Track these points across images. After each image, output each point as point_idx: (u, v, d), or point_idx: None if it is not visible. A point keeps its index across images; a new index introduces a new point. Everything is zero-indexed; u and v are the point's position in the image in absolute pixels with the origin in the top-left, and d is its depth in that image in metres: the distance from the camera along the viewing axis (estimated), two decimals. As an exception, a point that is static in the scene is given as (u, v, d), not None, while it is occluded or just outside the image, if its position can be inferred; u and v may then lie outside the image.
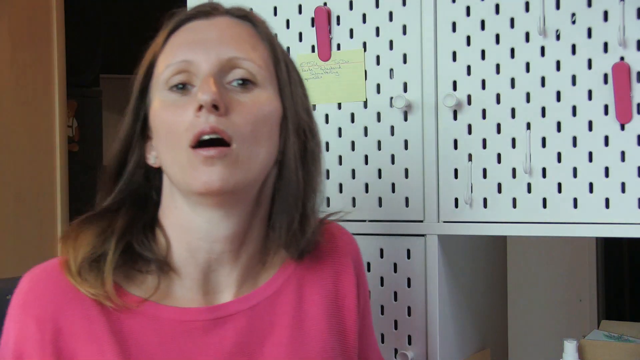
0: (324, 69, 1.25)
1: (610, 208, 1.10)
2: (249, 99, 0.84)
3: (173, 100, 0.84)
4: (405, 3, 1.21)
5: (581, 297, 2.00)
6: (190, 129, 0.81)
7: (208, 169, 0.80)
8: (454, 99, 1.16)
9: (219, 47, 0.85)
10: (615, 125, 1.10)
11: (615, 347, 1.28)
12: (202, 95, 0.80)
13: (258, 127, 0.84)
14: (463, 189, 1.18)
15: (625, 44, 1.09)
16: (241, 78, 0.85)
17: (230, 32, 0.87)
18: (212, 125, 0.80)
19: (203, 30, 0.86)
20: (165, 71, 0.85)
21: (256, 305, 0.89)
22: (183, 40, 0.86)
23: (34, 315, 0.83)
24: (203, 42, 0.85)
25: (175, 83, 0.84)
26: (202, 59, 0.84)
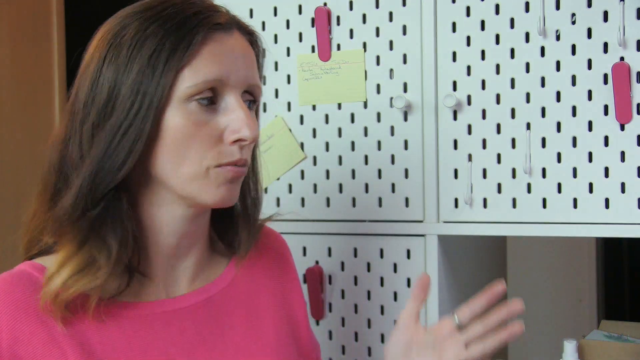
0: (324, 69, 1.25)
1: (610, 208, 1.10)
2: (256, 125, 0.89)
3: (197, 115, 0.83)
4: (405, 3, 1.21)
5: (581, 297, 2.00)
6: (223, 153, 0.84)
7: (231, 186, 0.86)
8: (454, 99, 1.16)
9: (247, 70, 0.87)
10: (615, 125, 1.10)
11: (615, 347, 1.28)
12: (247, 131, 0.84)
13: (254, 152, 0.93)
14: (463, 189, 1.18)
15: (625, 44, 1.09)
16: (252, 102, 0.89)
17: (249, 54, 0.88)
18: (245, 159, 0.86)
19: (230, 47, 0.85)
20: (193, 87, 0.83)
21: (213, 297, 0.93)
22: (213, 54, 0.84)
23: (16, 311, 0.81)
24: (234, 62, 0.85)
25: (204, 101, 0.84)
26: (233, 83, 0.85)
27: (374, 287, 1.24)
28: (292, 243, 1.26)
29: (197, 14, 0.85)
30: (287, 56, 1.28)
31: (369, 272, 1.24)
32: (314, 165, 1.27)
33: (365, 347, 1.25)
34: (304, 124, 1.27)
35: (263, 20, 1.30)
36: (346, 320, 1.26)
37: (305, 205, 1.27)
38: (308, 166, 1.27)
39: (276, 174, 1.29)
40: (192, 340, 0.89)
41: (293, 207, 1.28)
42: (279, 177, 1.29)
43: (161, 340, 0.86)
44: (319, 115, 1.26)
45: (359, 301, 1.25)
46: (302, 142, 1.27)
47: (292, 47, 1.28)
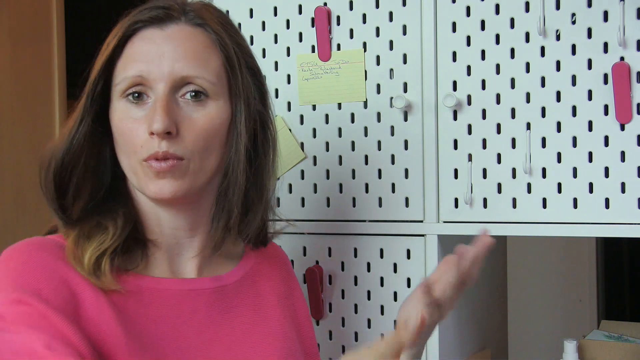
0: (324, 69, 1.25)
1: (610, 208, 1.10)
2: (200, 115, 0.90)
3: (130, 111, 0.90)
4: (405, 3, 1.21)
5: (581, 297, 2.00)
6: (145, 147, 0.88)
7: (160, 181, 0.89)
8: (454, 99, 1.16)
9: (173, 63, 0.89)
10: (615, 125, 1.10)
11: (615, 347, 1.28)
12: (155, 125, 0.87)
13: (208, 140, 0.91)
14: (463, 189, 1.18)
15: (625, 44, 1.09)
16: (194, 92, 0.90)
17: (183, 46, 0.90)
18: (164, 151, 0.87)
19: (158, 43, 0.90)
20: (121, 83, 0.90)
21: (225, 286, 0.98)
22: (138, 52, 0.91)
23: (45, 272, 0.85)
24: (157, 57, 0.89)
25: (131, 93, 0.90)
26: (156, 76, 0.89)
27: (374, 287, 1.24)
28: (292, 243, 1.26)
29: (130, 14, 0.93)
30: (287, 56, 1.28)
31: (369, 272, 1.24)
32: (314, 165, 1.27)
33: (365, 347, 1.25)
34: (304, 124, 1.27)
35: (263, 20, 1.30)
36: (346, 320, 1.26)
37: (305, 205, 1.27)
38: (308, 166, 1.27)
39: (276, 174, 1.28)
40: (202, 320, 0.93)
41: (293, 207, 1.28)
42: (279, 177, 1.29)
43: (173, 316, 0.91)
44: (319, 115, 1.26)
45: (359, 301, 1.25)
46: (302, 142, 1.27)
47: (292, 47, 1.28)
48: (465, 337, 1.33)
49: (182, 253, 0.96)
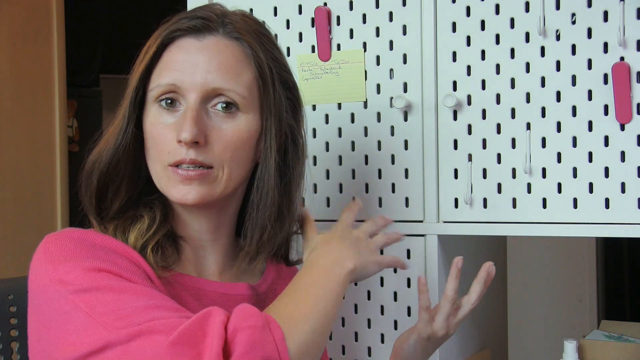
0: (324, 69, 1.25)
1: (610, 208, 1.10)
2: (229, 126, 0.92)
3: (161, 117, 0.92)
4: (405, 3, 1.21)
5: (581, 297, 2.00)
6: (172, 153, 0.91)
7: (185, 187, 0.91)
8: (454, 99, 1.16)
9: (206, 74, 0.91)
10: (615, 125, 1.10)
11: (615, 347, 1.28)
12: (183, 134, 0.89)
13: (236, 152, 0.93)
14: (463, 189, 1.18)
15: (625, 44, 1.09)
16: (225, 104, 0.92)
17: (217, 58, 0.92)
18: (191, 159, 0.90)
19: (193, 53, 0.92)
20: (155, 89, 0.93)
21: (258, 295, 1.00)
22: (173, 61, 0.93)
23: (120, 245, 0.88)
24: (192, 67, 0.91)
25: (164, 99, 0.92)
26: (189, 86, 0.91)
27: (374, 287, 1.24)
28: (293, 243, 1.26)
29: (170, 21, 0.95)
30: (287, 56, 1.28)
31: (369, 272, 1.24)
32: (314, 165, 1.27)
33: (365, 347, 1.25)
34: (304, 124, 1.27)
35: (263, 20, 1.30)
36: (346, 320, 1.26)
37: (306, 205, 1.27)
38: (308, 166, 1.27)
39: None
40: None
41: (293, 207, 1.28)
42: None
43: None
44: (319, 115, 1.26)
45: (359, 301, 1.25)
46: (302, 142, 1.27)
47: (292, 47, 1.28)
48: (465, 337, 1.33)
49: (206, 255, 0.99)
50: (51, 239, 0.86)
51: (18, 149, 2.48)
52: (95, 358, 0.75)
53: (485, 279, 1.07)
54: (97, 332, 0.76)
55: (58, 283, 0.81)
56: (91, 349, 0.76)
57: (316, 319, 0.83)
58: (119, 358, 0.74)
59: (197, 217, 0.96)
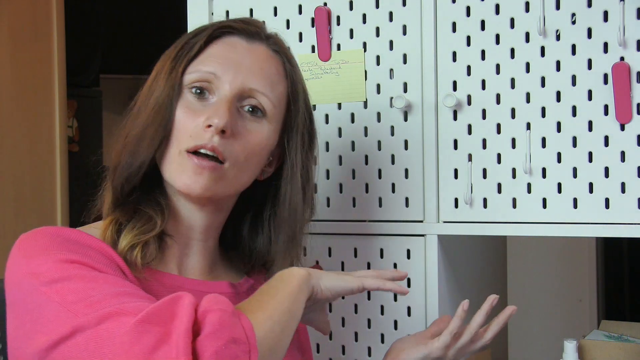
0: (324, 69, 1.25)
1: (610, 208, 1.10)
2: (254, 129, 0.95)
3: (189, 103, 0.93)
4: (405, 3, 1.21)
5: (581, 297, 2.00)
6: (194, 137, 0.91)
7: (195, 176, 0.91)
8: (454, 99, 1.16)
9: (247, 74, 0.95)
10: (615, 125, 1.10)
11: (615, 347, 1.28)
12: (215, 119, 0.90)
13: (251, 156, 0.95)
14: (463, 189, 1.18)
15: (625, 44, 1.09)
16: (254, 107, 0.95)
17: (262, 64, 0.96)
18: (213, 146, 0.90)
19: (240, 52, 0.96)
20: (193, 74, 0.94)
21: (239, 294, 1.01)
22: (219, 54, 0.95)
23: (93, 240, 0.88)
24: (236, 64, 0.95)
25: (197, 89, 0.94)
26: (228, 79, 0.93)
27: (374, 287, 1.24)
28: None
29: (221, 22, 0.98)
30: (287, 56, 1.28)
31: (369, 272, 1.24)
32: (313, 165, 1.27)
33: (365, 347, 1.25)
34: (304, 124, 1.27)
35: (263, 20, 1.30)
36: (346, 320, 1.26)
37: (305, 205, 1.27)
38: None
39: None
40: None
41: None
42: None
43: None
44: (319, 115, 1.26)
45: (359, 301, 1.25)
46: (302, 142, 1.27)
47: (292, 47, 1.28)
48: (465, 337, 1.32)
49: (190, 254, 0.99)
50: (25, 237, 0.87)
51: (18, 149, 2.48)
52: (65, 344, 0.76)
53: (488, 310, 1.05)
54: (67, 319, 0.77)
55: (31, 276, 0.81)
56: (61, 335, 0.76)
57: (278, 312, 0.84)
58: (89, 341, 0.75)
59: (193, 214, 0.97)
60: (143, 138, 0.93)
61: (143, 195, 0.96)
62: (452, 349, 1.05)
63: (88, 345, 0.74)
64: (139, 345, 0.72)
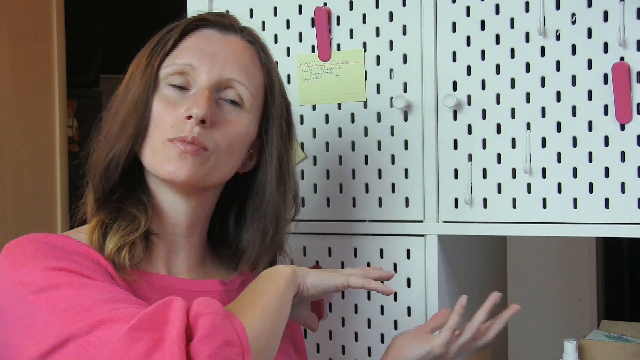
0: (324, 69, 1.25)
1: (610, 208, 1.10)
2: (233, 118, 0.95)
3: (168, 96, 0.94)
4: (405, 3, 1.21)
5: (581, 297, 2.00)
6: (176, 128, 0.91)
7: (179, 162, 0.91)
8: (454, 99, 1.16)
9: (224, 65, 0.95)
10: (615, 125, 1.10)
11: (615, 347, 1.28)
12: (195, 109, 0.90)
13: (233, 145, 0.95)
14: (463, 189, 1.18)
15: (625, 44, 1.09)
16: (232, 99, 0.95)
17: (237, 54, 0.97)
18: (194, 137, 0.90)
19: (215, 44, 0.96)
20: (169, 67, 0.94)
21: (230, 291, 1.01)
22: (194, 46, 0.96)
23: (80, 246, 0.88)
24: (212, 55, 0.95)
25: (174, 82, 0.94)
26: (205, 70, 0.94)
27: (374, 287, 1.24)
28: (292, 243, 1.26)
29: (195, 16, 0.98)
30: (287, 56, 1.28)
31: (369, 272, 1.24)
32: (314, 165, 1.27)
33: (365, 347, 1.25)
34: (304, 124, 1.27)
35: (263, 20, 1.30)
36: (346, 320, 1.26)
37: (305, 205, 1.27)
38: (308, 166, 1.27)
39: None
40: None
41: (293, 207, 1.28)
42: (279, 177, 1.29)
43: None
44: (319, 115, 1.26)
45: (359, 301, 1.25)
46: (302, 142, 1.27)
47: (292, 47, 1.28)
48: (465, 337, 1.32)
49: (177, 252, 0.98)
50: (11, 245, 0.86)
51: (18, 149, 2.48)
52: (57, 353, 0.75)
53: (490, 308, 1.06)
54: (59, 327, 0.76)
55: (19, 285, 0.81)
56: (53, 344, 0.76)
57: (267, 311, 0.84)
58: (81, 349, 0.74)
59: (177, 207, 0.96)
60: (121, 134, 0.93)
61: (125, 194, 0.95)
62: (453, 346, 1.05)
63: (80, 353, 0.74)
64: (133, 352, 0.72)
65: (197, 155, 0.91)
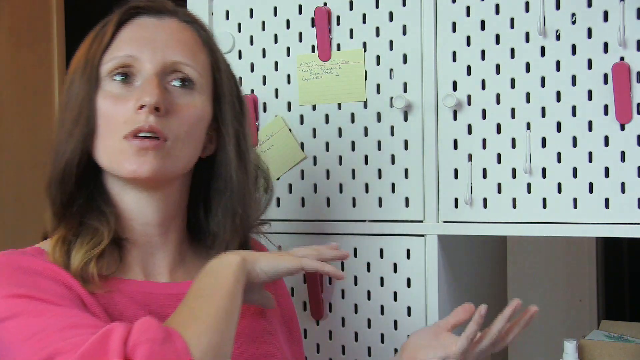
0: (324, 69, 1.25)
1: (610, 208, 1.10)
2: (185, 102, 0.91)
3: (114, 91, 0.90)
4: (405, 3, 1.21)
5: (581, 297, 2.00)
6: (129, 122, 0.88)
7: (140, 159, 0.88)
8: (454, 99, 1.16)
9: (165, 49, 0.92)
10: (615, 125, 1.10)
11: (615, 347, 1.28)
12: (146, 97, 0.87)
13: (191, 129, 0.92)
14: (463, 189, 1.18)
15: (625, 44, 1.09)
16: (182, 80, 0.92)
17: (176, 36, 0.94)
18: (151, 125, 0.87)
19: (152, 30, 0.93)
20: (110, 62, 0.91)
21: None
22: (132, 36, 0.92)
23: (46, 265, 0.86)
24: (151, 41, 0.92)
25: (118, 76, 0.90)
26: (148, 58, 0.91)
27: (374, 287, 1.24)
28: (292, 243, 1.26)
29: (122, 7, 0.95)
30: (287, 56, 1.28)
31: (369, 272, 1.24)
32: (314, 165, 1.27)
33: (365, 347, 1.25)
34: (304, 124, 1.27)
35: (263, 20, 1.30)
36: (346, 320, 1.26)
37: (305, 205, 1.27)
38: (308, 166, 1.27)
39: (276, 174, 1.29)
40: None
41: (293, 207, 1.28)
42: (279, 177, 1.29)
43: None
44: (319, 115, 1.26)
45: (359, 301, 1.25)
46: (302, 142, 1.27)
47: (292, 47, 1.28)
48: (465, 337, 1.32)
49: (155, 253, 0.95)
50: None
51: (18, 149, 2.48)
52: None
53: (509, 315, 1.00)
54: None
55: None
56: None
57: (214, 319, 0.79)
58: None
59: (144, 206, 0.93)
60: (69, 142, 0.90)
61: (85, 204, 0.92)
62: (471, 353, 1.01)
63: None
64: None
65: (157, 148, 0.88)
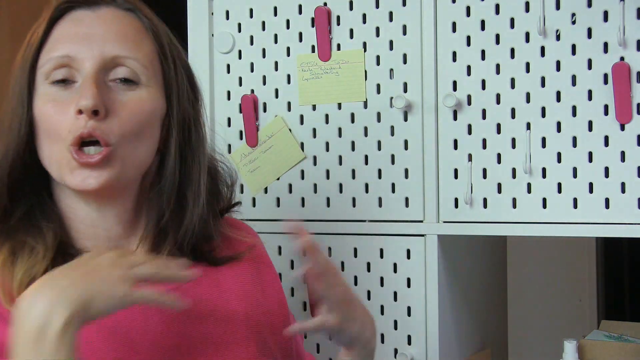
0: (324, 69, 1.25)
1: (610, 208, 1.10)
2: (130, 98, 0.85)
3: (54, 95, 0.84)
4: (405, 3, 1.21)
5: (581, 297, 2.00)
6: (72, 130, 0.82)
7: (85, 171, 0.82)
8: (454, 99, 1.16)
9: (103, 43, 0.85)
10: (615, 125, 1.10)
11: (615, 347, 1.28)
12: (83, 101, 0.81)
13: (138, 126, 0.85)
14: (463, 189, 1.18)
15: (625, 44, 1.09)
16: (124, 77, 0.85)
17: (115, 27, 0.87)
18: (89, 131, 0.81)
19: (87, 24, 0.86)
20: (46, 64, 0.85)
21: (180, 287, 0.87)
22: (66, 33, 0.86)
23: None
24: (87, 37, 0.85)
25: (57, 78, 0.85)
26: (85, 56, 0.84)
27: (374, 287, 1.24)
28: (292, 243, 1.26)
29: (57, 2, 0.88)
30: (287, 56, 1.28)
31: (369, 272, 1.24)
32: (314, 165, 1.27)
33: (365, 347, 1.24)
34: (304, 124, 1.27)
35: (263, 20, 1.30)
36: (346, 320, 1.26)
37: (305, 205, 1.27)
38: (308, 166, 1.27)
39: (276, 174, 1.29)
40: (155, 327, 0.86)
41: (293, 207, 1.28)
42: (279, 177, 1.29)
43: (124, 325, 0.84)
44: (319, 115, 1.26)
45: (359, 301, 1.25)
46: (302, 142, 1.27)
47: (292, 47, 1.28)
48: (465, 337, 1.33)
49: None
50: None
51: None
52: None
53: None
54: None
55: None
56: None
57: None
58: None
59: (101, 212, 0.87)
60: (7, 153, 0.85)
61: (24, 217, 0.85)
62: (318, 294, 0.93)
63: None
64: None
65: (104, 160, 0.82)
